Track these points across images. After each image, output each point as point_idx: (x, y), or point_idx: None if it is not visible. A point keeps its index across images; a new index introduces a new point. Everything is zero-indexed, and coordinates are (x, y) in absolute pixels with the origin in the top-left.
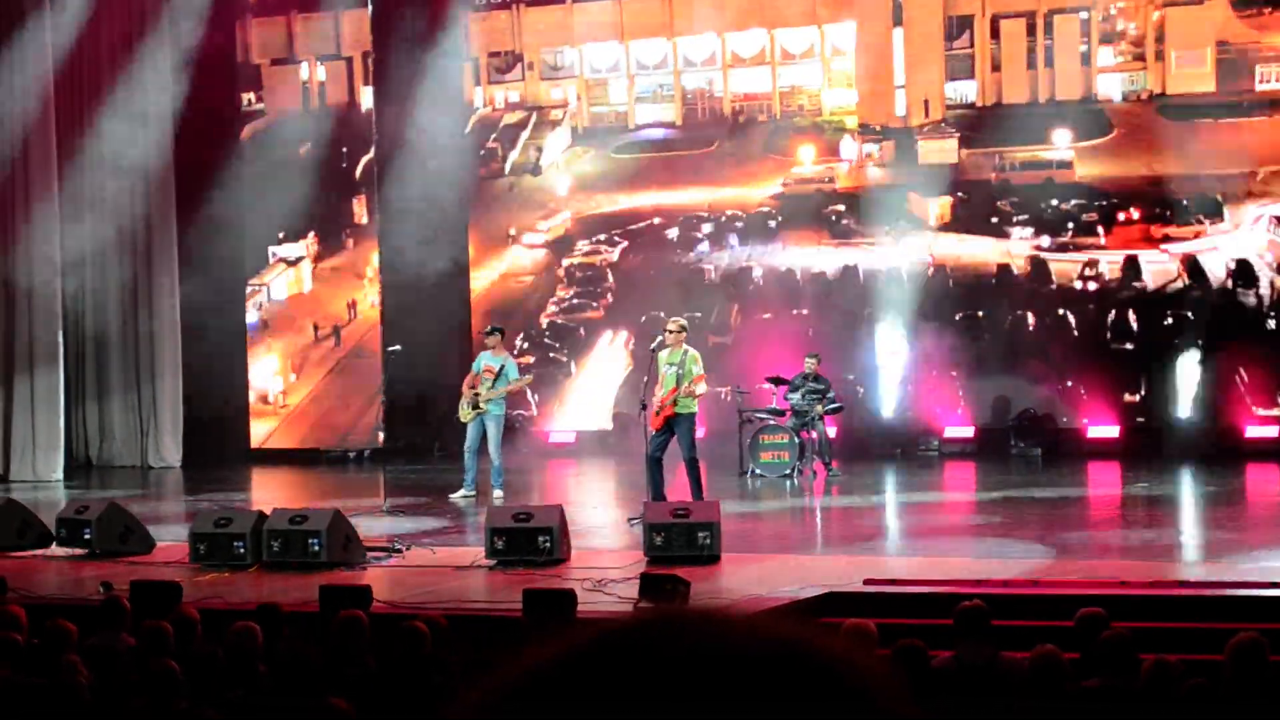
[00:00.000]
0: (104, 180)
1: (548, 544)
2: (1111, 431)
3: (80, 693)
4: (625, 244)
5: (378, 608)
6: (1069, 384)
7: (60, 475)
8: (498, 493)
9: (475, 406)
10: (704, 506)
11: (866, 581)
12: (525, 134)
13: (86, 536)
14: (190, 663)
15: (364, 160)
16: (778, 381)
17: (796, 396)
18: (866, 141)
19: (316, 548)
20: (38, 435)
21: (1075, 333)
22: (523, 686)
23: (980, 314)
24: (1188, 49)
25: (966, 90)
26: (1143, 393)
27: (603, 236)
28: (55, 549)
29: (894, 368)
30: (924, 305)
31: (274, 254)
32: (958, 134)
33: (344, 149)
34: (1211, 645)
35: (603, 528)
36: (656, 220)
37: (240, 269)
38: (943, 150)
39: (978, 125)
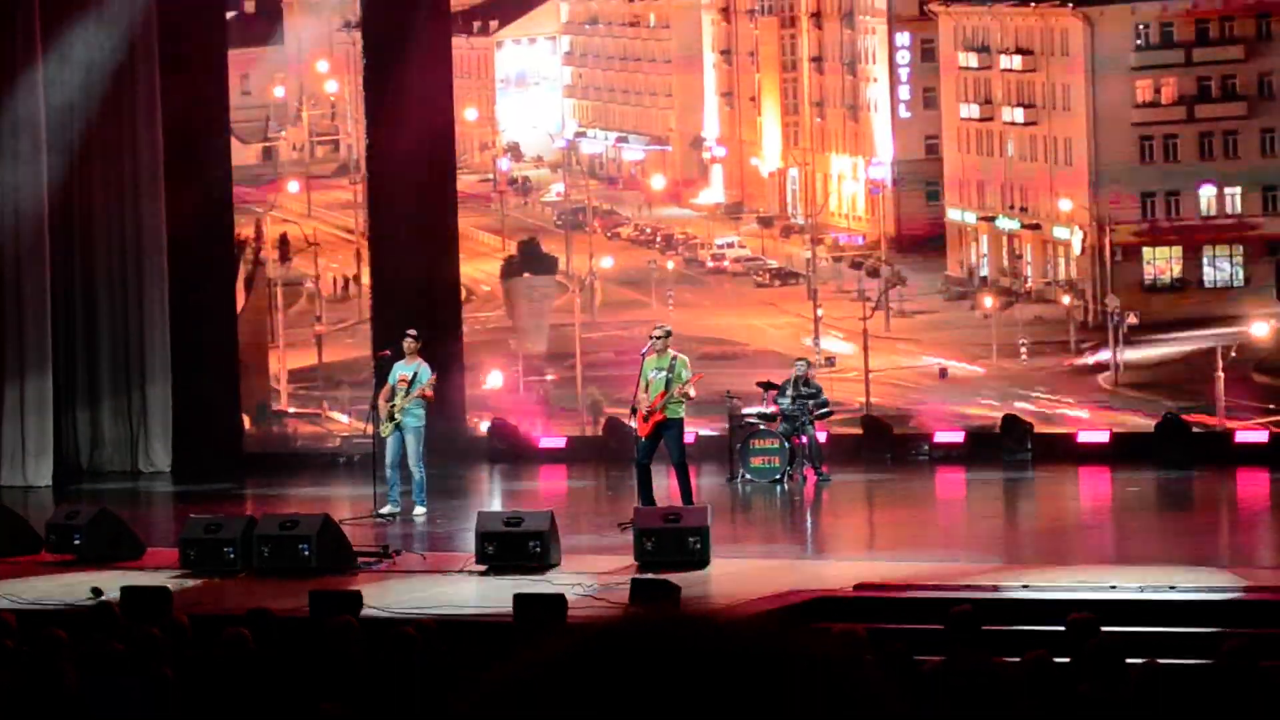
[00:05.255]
0: (94, 184)
1: (538, 549)
2: (1101, 436)
3: (70, 697)
4: None
5: (368, 613)
6: None
7: (50, 481)
8: (420, 509)
9: (392, 419)
10: (694, 512)
11: (857, 586)
12: None
13: (76, 542)
14: (181, 668)
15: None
16: (768, 386)
17: (787, 401)
18: None
19: (306, 553)
20: (28, 441)
21: None
22: (517, 687)
23: None
24: None
25: None
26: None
27: None
28: (45, 555)
29: None
30: None
31: None
32: None
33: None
34: (1202, 649)
35: (593, 533)
36: None
37: (231, 271)
38: None
39: None
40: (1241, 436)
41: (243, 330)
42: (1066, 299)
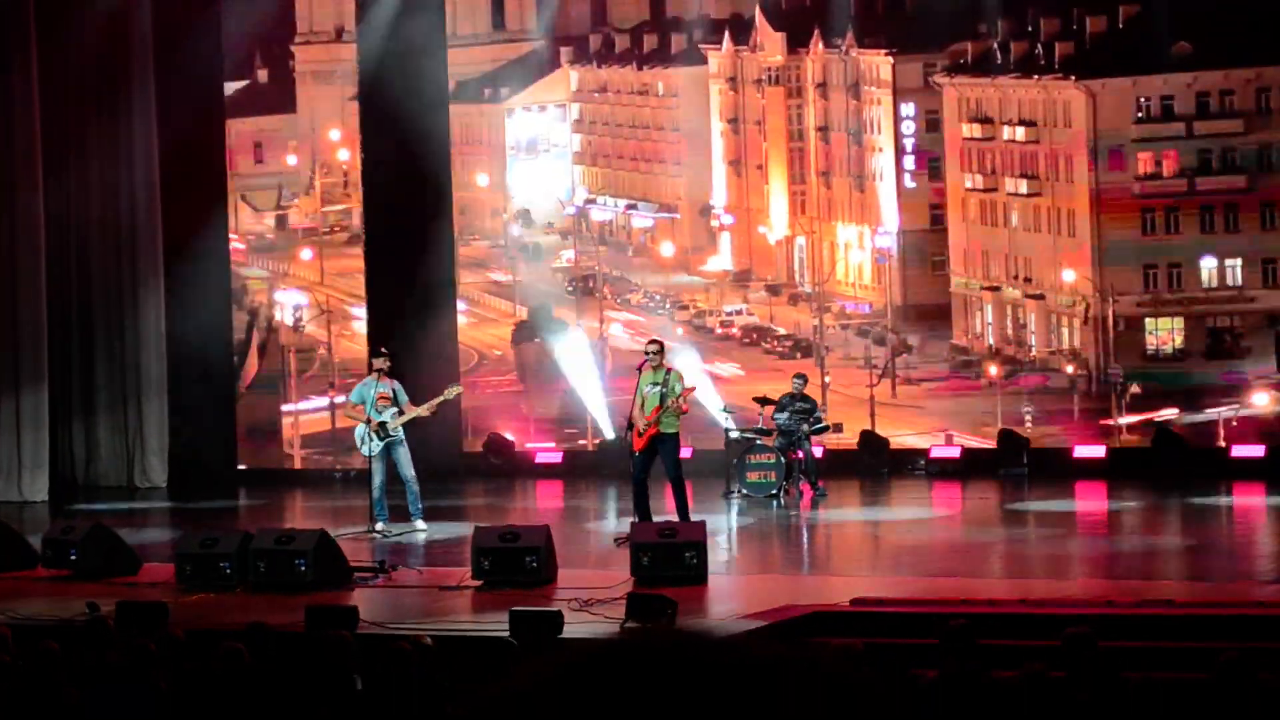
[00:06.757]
0: (89, 197)
1: (534, 564)
2: (1098, 451)
3: (67, 711)
4: None
5: (364, 628)
6: None
7: (46, 496)
8: (421, 523)
9: (383, 437)
10: (690, 527)
11: (854, 601)
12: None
13: (72, 557)
14: (177, 683)
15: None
16: (764, 402)
17: (783, 416)
18: None
19: (303, 568)
20: (23, 455)
21: None
22: (519, 701)
23: None
24: None
25: None
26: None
27: None
28: (41, 570)
29: None
30: None
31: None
32: None
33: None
34: (1198, 664)
35: (590, 548)
36: None
37: (227, 288)
38: None
39: None
40: (1238, 451)
41: (253, 396)
42: (1070, 368)
